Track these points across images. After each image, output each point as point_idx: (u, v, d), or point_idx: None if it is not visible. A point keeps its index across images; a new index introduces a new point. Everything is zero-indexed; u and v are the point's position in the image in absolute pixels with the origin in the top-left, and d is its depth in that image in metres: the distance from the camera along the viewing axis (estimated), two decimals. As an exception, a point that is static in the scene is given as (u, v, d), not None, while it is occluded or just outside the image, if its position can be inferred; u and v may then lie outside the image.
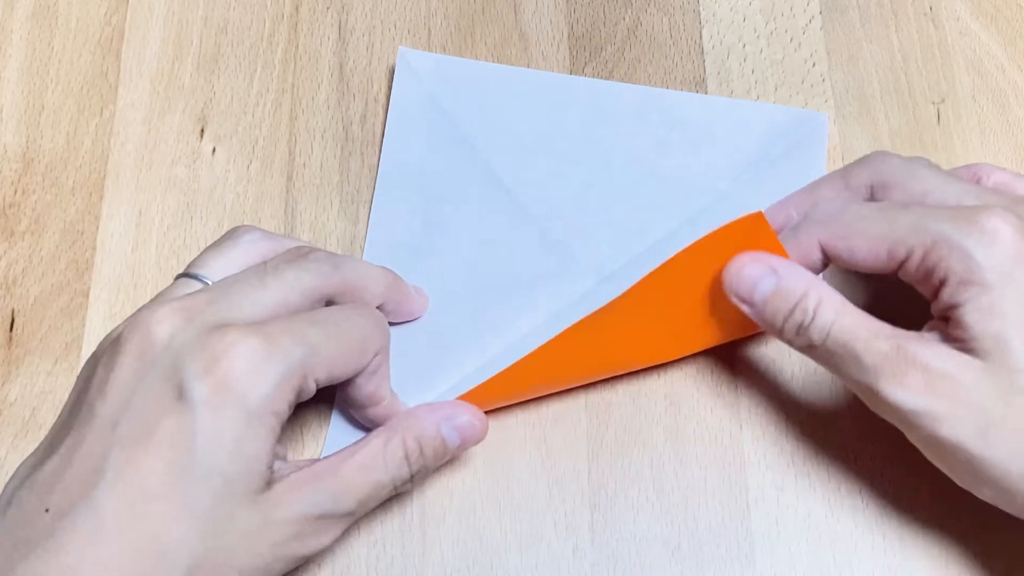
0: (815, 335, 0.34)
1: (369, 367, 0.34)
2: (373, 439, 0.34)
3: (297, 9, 0.45)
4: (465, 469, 0.38)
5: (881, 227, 0.34)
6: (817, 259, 0.35)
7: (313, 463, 0.33)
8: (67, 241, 0.41)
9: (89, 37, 0.44)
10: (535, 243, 0.41)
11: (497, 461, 0.38)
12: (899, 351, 0.33)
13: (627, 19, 0.46)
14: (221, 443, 0.30)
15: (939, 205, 0.34)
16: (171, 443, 0.30)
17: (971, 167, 0.38)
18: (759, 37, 0.45)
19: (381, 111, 0.43)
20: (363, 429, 0.37)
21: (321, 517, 0.32)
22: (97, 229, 0.41)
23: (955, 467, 0.33)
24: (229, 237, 0.36)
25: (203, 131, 0.43)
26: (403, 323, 0.39)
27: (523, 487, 0.38)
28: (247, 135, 0.43)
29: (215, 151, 0.43)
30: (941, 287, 0.33)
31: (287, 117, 0.43)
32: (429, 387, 0.38)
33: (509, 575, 0.36)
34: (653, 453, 0.38)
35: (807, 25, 0.46)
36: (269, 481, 0.31)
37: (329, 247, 0.41)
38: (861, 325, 0.34)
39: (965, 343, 0.33)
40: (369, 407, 0.36)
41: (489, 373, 0.37)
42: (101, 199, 0.42)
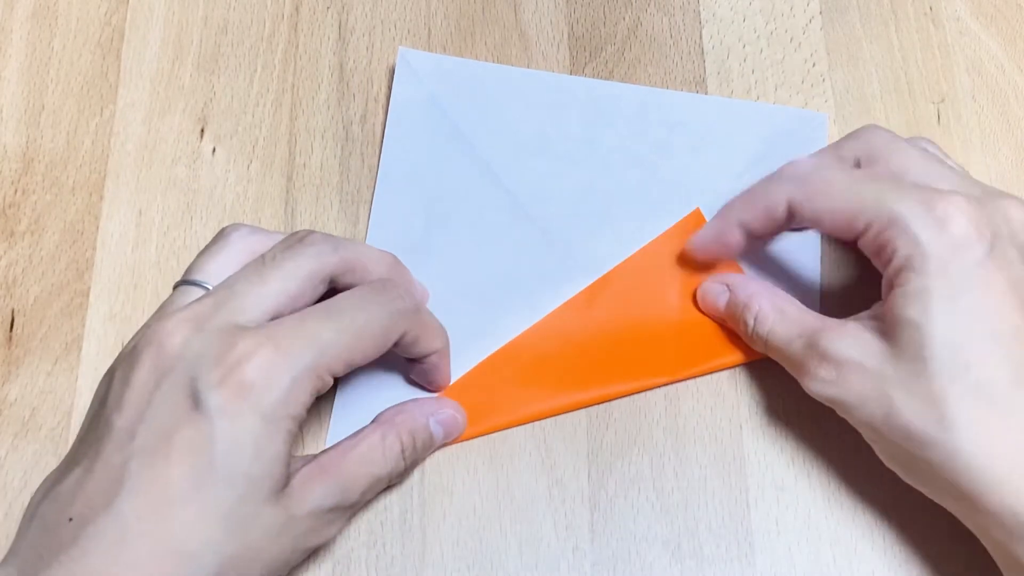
0: (759, 343, 0.37)
1: (404, 340, 0.35)
2: (370, 434, 0.35)
3: (297, 9, 0.45)
4: (465, 469, 0.38)
5: (846, 195, 0.34)
6: (781, 215, 0.36)
7: (317, 458, 0.33)
8: (67, 241, 0.41)
9: (89, 37, 0.44)
10: (535, 243, 0.41)
11: (497, 461, 0.38)
12: (811, 347, 0.34)
13: (627, 19, 0.46)
14: (241, 447, 0.30)
15: (912, 184, 0.34)
16: (191, 450, 0.30)
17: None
18: (759, 37, 0.45)
19: (381, 111, 0.43)
20: (364, 418, 0.37)
21: (332, 510, 0.33)
22: (97, 229, 0.41)
23: (881, 452, 0.35)
24: (219, 238, 0.36)
25: (203, 131, 0.43)
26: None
27: (523, 487, 0.38)
28: (247, 135, 0.43)
29: (215, 151, 0.43)
30: (887, 265, 0.33)
31: (287, 117, 0.43)
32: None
33: (509, 575, 0.37)
34: (653, 453, 0.38)
35: (807, 25, 0.46)
36: (287, 478, 0.32)
37: (329, 247, 0.41)
38: (794, 325, 0.35)
39: (884, 327, 0.33)
40: (417, 367, 0.37)
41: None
42: (101, 199, 0.42)
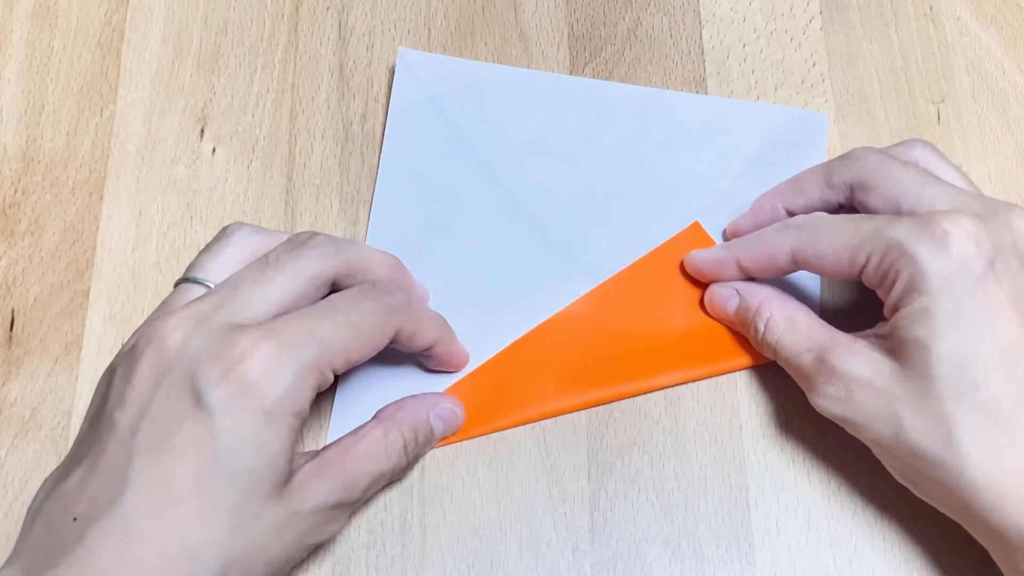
0: (768, 349, 0.37)
1: (401, 336, 0.35)
2: (372, 430, 0.35)
3: (297, 9, 0.45)
4: (465, 469, 0.38)
5: (846, 234, 0.35)
6: (785, 262, 0.37)
7: (319, 454, 0.33)
8: (67, 241, 0.41)
9: (89, 37, 0.44)
10: (535, 243, 0.41)
11: (497, 461, 0.38)
12: (821, 363, 0.35)
13: (627, 19, 0.46)
14: (244, 444, 0.30)
15: (912, 210, 0.35)
16: (193, 447, 0.30)
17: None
18: (759, 37, 0.45)
19: (381, 111, 0.43)
20: (364, 414, 0.37)
21: (335, 507, 0.33)
22: (97, 229, 0.41)
23: (891, 469, 0.35)
24: (221, 237, 0.36)
25: (203, 131, 0.43)
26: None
27: (523, 487, 0.38)
28: (247, 135, 0.43)
29: (215, 151, 0.43)
30: (891, 291, 0.34)
31: (287, 117, 0.43)
32: (429, 386, 0.38)
33: (509, 575, 0.36)
34: (653, 453, 0.38)
35: (807, 25, 0.46)
36: (290, 475, 0.32)
37: (329, 247, 0.41)
38: (804, 337, 0.36)
39: (892, 346, 0.33)
40: (429, 358, 0.37)
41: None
42: (101, 199, 0.42)
